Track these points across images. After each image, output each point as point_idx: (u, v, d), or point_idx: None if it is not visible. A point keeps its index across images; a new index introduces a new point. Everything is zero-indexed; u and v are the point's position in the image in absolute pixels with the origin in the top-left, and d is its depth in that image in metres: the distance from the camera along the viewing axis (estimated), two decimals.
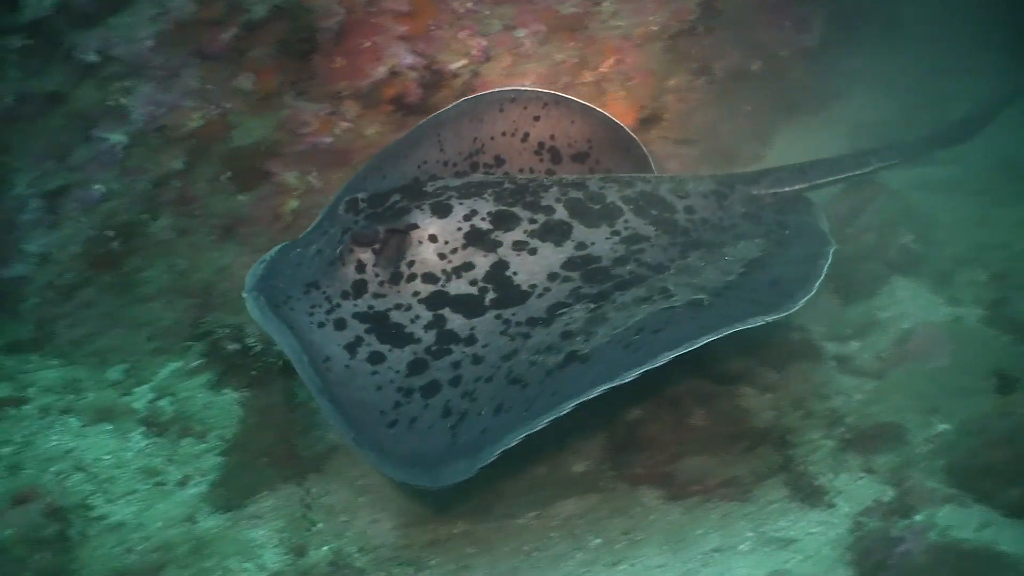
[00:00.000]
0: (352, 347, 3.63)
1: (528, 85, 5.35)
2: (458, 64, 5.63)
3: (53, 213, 5.55)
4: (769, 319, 3.33)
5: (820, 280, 3.60)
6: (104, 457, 4.62)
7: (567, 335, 3.44)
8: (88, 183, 5.50)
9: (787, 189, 4.53)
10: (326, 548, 3.88)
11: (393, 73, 5.53)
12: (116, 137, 5.52)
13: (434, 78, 5.59)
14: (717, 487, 3.93)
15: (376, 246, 3.82)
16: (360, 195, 4.19)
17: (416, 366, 3.55)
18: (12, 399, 5.08)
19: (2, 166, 5.61)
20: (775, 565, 3.48)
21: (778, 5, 6.34)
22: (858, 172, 4.88)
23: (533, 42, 5.80)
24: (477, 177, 4.34)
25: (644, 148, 4.98)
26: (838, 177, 4.80)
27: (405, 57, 5.51)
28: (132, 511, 4.24)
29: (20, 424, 4.91)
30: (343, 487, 4.24)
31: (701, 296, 3.47)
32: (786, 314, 3.37)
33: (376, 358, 3.60)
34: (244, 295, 3.90)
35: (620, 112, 5.82)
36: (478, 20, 5.69)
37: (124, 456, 4.54)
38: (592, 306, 3.57)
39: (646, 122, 5.97)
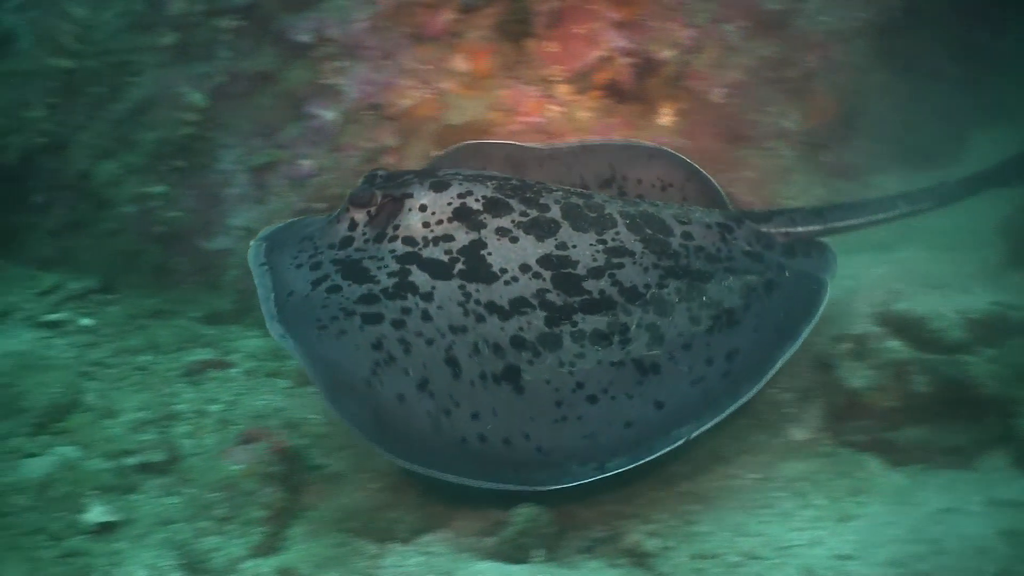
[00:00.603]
0: (316, 283, 3.73)
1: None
2: (668, 54, 5.66)
3: (259, 188, 5.60)
4: (680, 441, 3.39)
5: (772, 372, 3.57)
6: (313, 416, 4.62)
7: (517, 342, 3.51)
8: (297, 159, 5.51)
9: (800, 230, 4.32)
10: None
11: (606, 59, 5.58)
12: (329, 114, 5.56)
13: (646, 66, 5.61)
14: (939, 454, 3.90)
15: (371, 209, 3.94)
16: (380, 171, 4.26)
17: (367, 298, 3.60)
18: (217, 362, 5.08)
19: (211, 142, 5.69)
20: (1009, 524, 3.35)
21: (975, 7, 6.38)
22: (882, 217, 4.47)
23: (739, 36, 5.83)
24: (488, 172, 4.38)
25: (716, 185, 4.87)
26: (859, 221, 4.44)
27: (618, 43, 5.54)
28: (348, 464, 4.25)
29: (227, 384, 4.99)
30: None
31: (655, 352, 3.53)
32: (702, 429, 3.40)
33: (334, 289, 3.66)
34: (251, 243, 4.09)
35: (823, 107, 5.84)
36: (687, 12, 5.73)
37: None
38: (548, 317, 3.62)
39: (847, 118, 5.96)
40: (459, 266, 3.72)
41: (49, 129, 6.17)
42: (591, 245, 3.87)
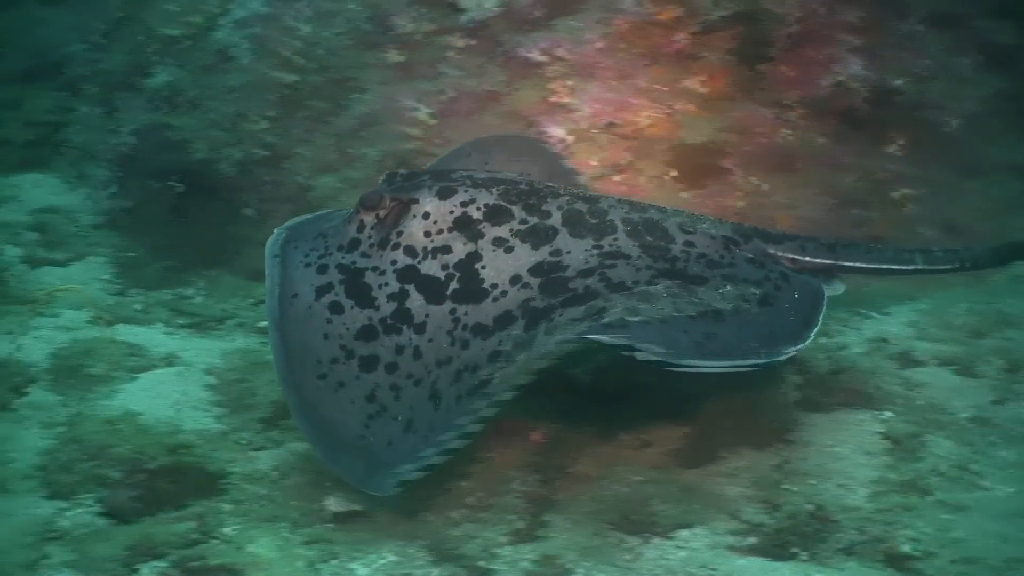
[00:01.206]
0: (321, 291, 3.84)
1: None
2: (902, 82, 5.65)
3: None
4: (663, 359, 3.21)
5: (742, 364, 3.39)
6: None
7: (494, 356, 3.54)
8: None
9: (807, 260, 4.07)
10: (802, 506, 3.84)
11: (843, 85, 5.55)
12: (561, 132, 5.60)
13: (881, 94, 5.60)
14: None
15: (379, 212, 4.01)
16: (401, 170, 4.36)
17: (366, 332, 3.71)
18: None
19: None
20: None
21: None
22: (895, 267, 4.17)
23: (972, 68, 5.83)
24: (503, 174, 4.38)
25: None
26: (871, 266, 4.15)
27: (856, 70, 5.54)
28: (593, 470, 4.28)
29: None
30: (814, 454, 4.21)
31: (636, 319, 3.34)
32: (673, 363, 3.23)
33: (336, 308, 3.78)
34: (275, 231, 4.20)
35: None
36: (922, 42, 5.73)
37: None
38: (528, 323, 3.62)
39: None
40: (453, 285, 3.80)
41: (269, 142, 6.30)
42: (586, 250, 3.86)
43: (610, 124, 5.62)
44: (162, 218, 6.04)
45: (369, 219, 4.06)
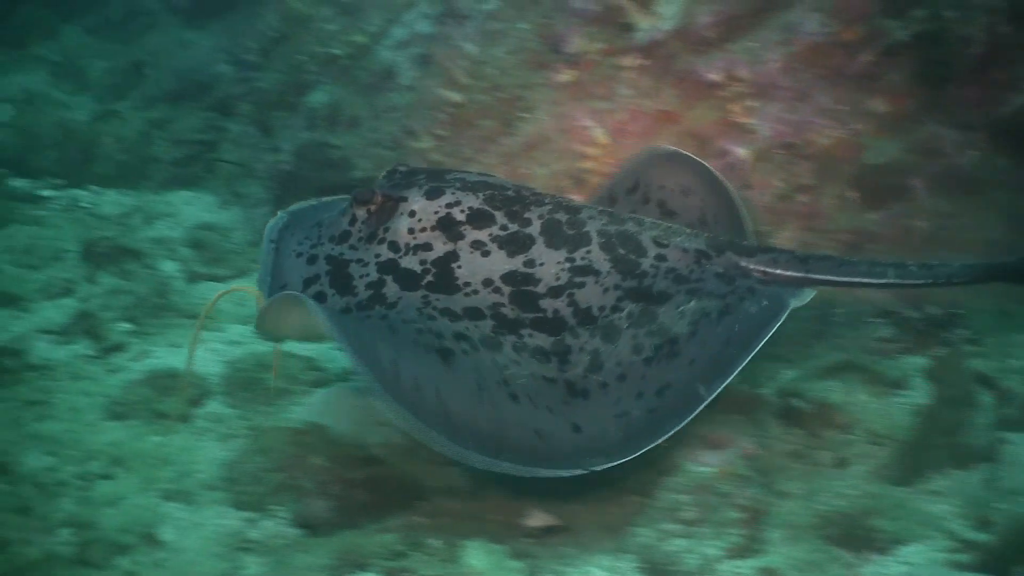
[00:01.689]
0: (308, 282, 4.11)
1: None
2: None
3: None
4: (583, 471, 3.42)
5: (696, 412, 3.60)
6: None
7: (458, 335, 3.69)
8: None
9: (779, 272, 4.10)
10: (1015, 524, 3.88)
11: None
12: (741, 152, 5.62)
13: None
14: None
15: (371, 207, 4.20)
16: (401, 166, 4.53)
17: (343, 311, 3.94)
18: None
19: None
20: None
21: None
22: (868, 281, 4.13)
23: None
24: (494, 179, 4.53)
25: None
26: (842, 280, 4.11)
27: None
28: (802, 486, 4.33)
29: None
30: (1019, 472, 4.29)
31: (590, 378, 3.65)
32: (610, 465, 3.44)
33: (320, 296, 4.04)
34: (277, 213, 4.51)
35: None
36: None
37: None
38: (496, 326, 3.83)
39: None
40: (428, 278, 3.99)
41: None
42: (559, 263, 4.02)
43: (791, 144, 5.63)
44: None
45: (361, 213, 4.26)
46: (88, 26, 12.90)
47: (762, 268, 4.12)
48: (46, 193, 8.10)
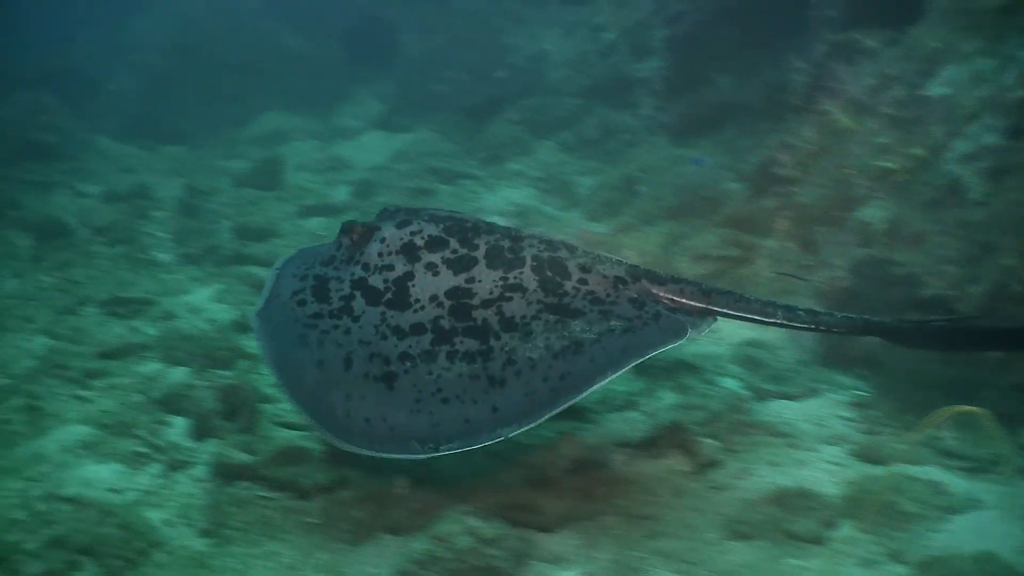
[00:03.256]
0: (295, 293, 5.03)
1: None
2: None
3: None
4: (500, 438, 4.46)
5: (589, 391, 4.51)
6: None
7: (402, 357, 4.62)
8: None
9: (684, 301, 4.95)
10: None
11: None
12: None
13: None
14: None
15: (353, 236, 5.11)
16: (390, 207, 5.50)
17: (316, 315, 4.87)
18: None
19: None
20: None
21: None
22: (757, 319, 5.04)
23: None
24: (459, 215, 5.35)
25: None
26: (737, 314, 5.00)
27: None
28: None
29: None
30: None
31: (507, 371, 4.57)
32: (520, 430, 4.41)
33: (301, 303, 4.97)
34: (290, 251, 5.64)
35: None
36: None
37: None
38: (434, 339, 4.71)
39: None
40: (388, 296, 4.85)
41: None
42: (494, 281, 4.83)
43: None
44: (912, 354, 6.00)
45: (345, 241, 5.20)
46: (562, 142, 13.92)
47: (671, 296, 4.98)
48: None
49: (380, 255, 5.10)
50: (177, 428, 6.34)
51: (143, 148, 17.96)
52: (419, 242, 5.10)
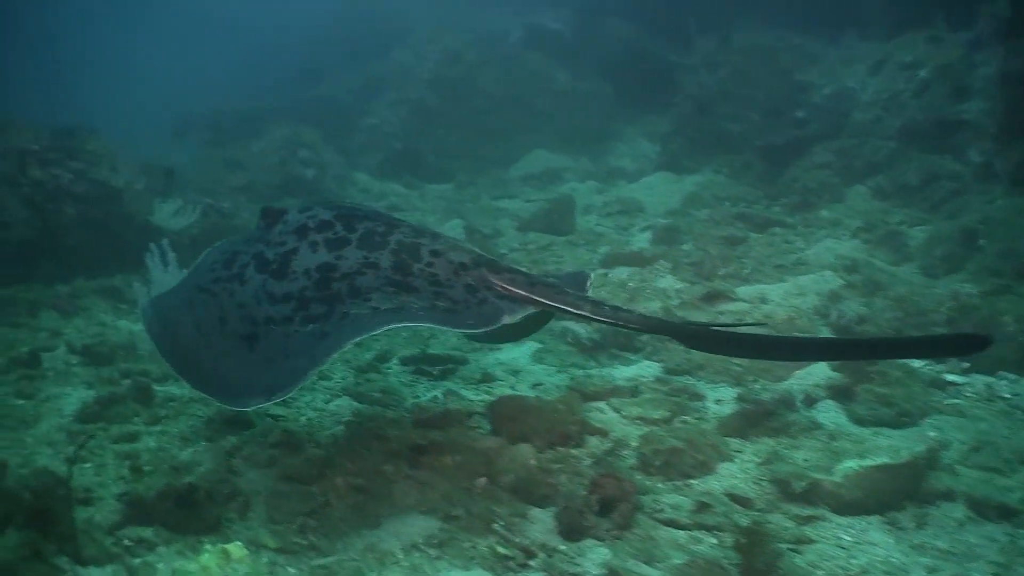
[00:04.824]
0: (211, 265, 5.86)
1: None
2: None
3: None
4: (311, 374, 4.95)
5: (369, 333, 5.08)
6: None
7: (265, 319, 5.28)
8: None
9: (512, 290, 5.35)
10: None
11: None
12: None
13: None
14: None
15: (268, 219, 5.98)
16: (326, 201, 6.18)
17: (216, 280, 5.68)
18: None
19: None
20: None
21: None
22: (569, 310, 5.34)
23: None
24: (360, 206, 6.09)
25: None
26: (553, 304, 5.34)
27: None
28: None
29: None
30: None
31: (332, 328, 5.13)
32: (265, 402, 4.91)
33: (213, 269, 5.79)
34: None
35: None
36: None
37: None
38: (295, 306, 5.30)
39: None
40: (273, 266, 5.53)
41: None
42: (357, 260, 5.45)
43: None
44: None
45: (262, 223, 5.90)
46: (877, 188, 13.01)
47: (502, 284, 5.34)
48: (951, 378, 7.77)
49: (280, 233, 5.77)
50: (539, 522, 5.59)
51: (407, 186, 18.09)
52: (311, 224, 5.73)
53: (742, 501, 5.82)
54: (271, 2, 37.21)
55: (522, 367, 8.15)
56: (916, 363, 7.92)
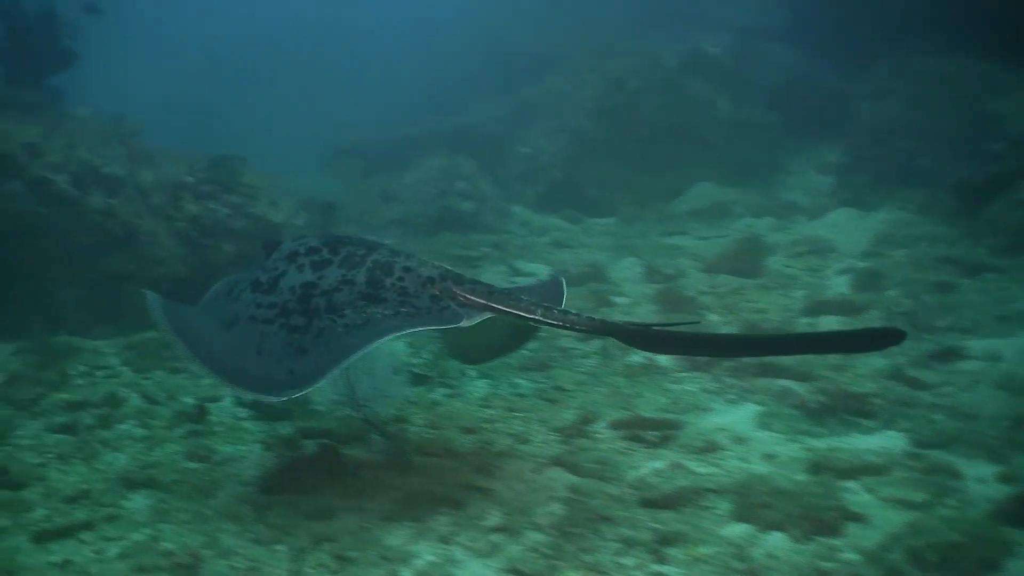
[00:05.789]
0: (225, 290, 6.51)
1: None
2: None
3: None
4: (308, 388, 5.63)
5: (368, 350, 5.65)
6: None
7: (253, 319, 6.03)
8: None
9: (473, 299, 6.01)
10: None
11: None
12: None
13: None
14: None
15: (267, 250, 6.63)
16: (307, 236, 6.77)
17: (228, 297, 6.42)
18: None
19: None
20: None
21: None
22: (522, 315, 5.92)
23: None
24: (348, 236, 6.61)
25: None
26: (507, 310, 5.97)
27: None
28: None
29: None
30: None
31: (310, 344, 5.84)
32: (275, 399, 5.62)
33: (228, 294, 6.44)
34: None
35: None
36: None
37: None
38: (277, 314, 6.05)
39: None
40: (264, 285, 6.23)
41: None
42: (337, 278, 6.11)
43: None
44: None
45: (262, 254, 6.60)
46: None
47: (464, 295, 6.06)
48: None
49: (274, 260, 6.45)
50: None
51: (568, 219, 17.90)
52: (301, 250, 6.42)
53: None
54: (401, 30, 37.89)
55: (746, 434, 7.74)
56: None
